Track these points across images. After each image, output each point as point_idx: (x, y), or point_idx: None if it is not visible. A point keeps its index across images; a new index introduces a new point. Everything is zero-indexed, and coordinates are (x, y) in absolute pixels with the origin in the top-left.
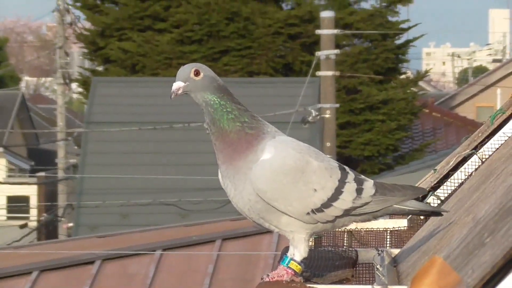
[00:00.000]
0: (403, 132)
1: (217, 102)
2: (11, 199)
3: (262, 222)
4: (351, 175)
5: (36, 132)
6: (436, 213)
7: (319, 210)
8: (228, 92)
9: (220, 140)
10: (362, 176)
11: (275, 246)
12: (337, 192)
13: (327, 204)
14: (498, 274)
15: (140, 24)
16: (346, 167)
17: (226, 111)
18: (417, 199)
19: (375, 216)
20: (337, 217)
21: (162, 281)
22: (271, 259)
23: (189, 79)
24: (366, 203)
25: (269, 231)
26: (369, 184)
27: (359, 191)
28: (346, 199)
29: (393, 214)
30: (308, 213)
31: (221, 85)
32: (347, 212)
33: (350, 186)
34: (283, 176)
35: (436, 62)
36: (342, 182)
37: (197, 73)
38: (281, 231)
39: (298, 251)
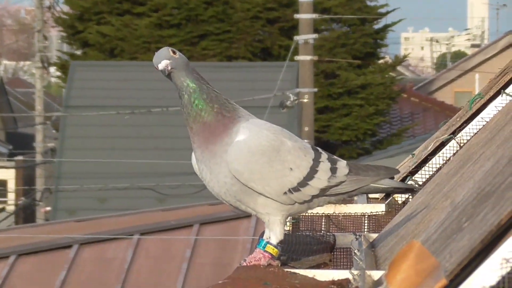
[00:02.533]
0: (381, 117)
1: (194, 84)
2: None
3: (239, 205)
4: (324, 155)
5: (14, 116)
6: (409, 189)
7: (296, 189)
8: (200, 75)
9: (197, 123)
10: (335, 157)
11: (252, 231)
12: (313, 171)
13: (304, 183)
14: (476, 259)
15: (119, 8)
16: (319, 148)
17: (204, 93)
18: (390, 178)
19: (350, 195)
20: (313, 196)
21: (139, 265)
22: (249, 244)
23: (170, 57)
24: (341, 182)
25: (247, 216)
26: (342, 164)
27: (333, 170)
28: (322, 178)
29: (367, 193)
30: (285, 193)
31: (194, 69)
32: (323, 192)
33: (325, 165)
34: (259, 156)
35: (415, 47)
36: (316, 161)
37: (174, 52)
38: (257, 213)
39: (274, 234)
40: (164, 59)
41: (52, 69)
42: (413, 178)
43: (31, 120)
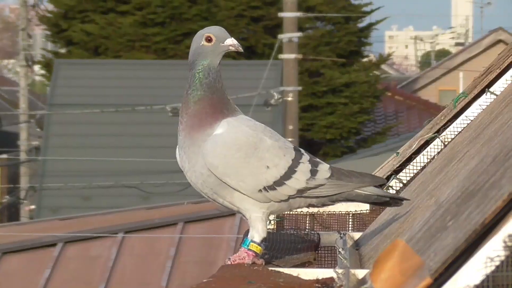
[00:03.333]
0: (366, 115)
1: (215, 68)
2: None
3: (216, 197)
4: (305, 156)
5: None
6: (396, 200)
7: (272, 187)
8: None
9: (195, 106)
10: (318, 159)
11: (237, 229)
12: (291, 171)
13: (280, 182)
14: (461, 258)
15: (103, 6)
16: (302, 150)
17: (217, 79)
18: (376, 186)
19: (331, 200)
20: (290, 196)
21: (124, 263)
22: (233, 242)
23: (226, 39)
24: (321, 185)
25: (231, 214)
26: (324, 167)
27: (313, 172)
28: (300, 179)
29: (350, 200)
30: (260, 190)
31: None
32: (300, 193)
33: (304, 166)
34: (235, 151)
35: (399, 45)
36: (296, 161)
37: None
38: (238, 209)
39: (256, 231)
40: (230, 37)
41: (37, 68)
42: (398, 176)
43: (15, 118)
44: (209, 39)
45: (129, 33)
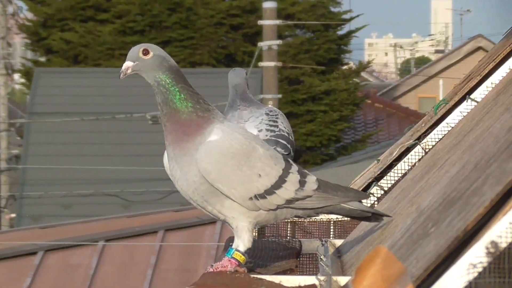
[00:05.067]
0: (346, 123)
1: (168, 82)
2: None
3: (206, 205)
4: (294, 167)
5: None
6: (377, 216)
7: (262, 196)
8: (180, 73)
9: (171, 121)
10: (306, 171)
11: (217, 237)
12: (281, 181)
13: (270, 191)
14: (443, 264)
15: (82, 15)
16: (290, 160)
17: (178, 91)
18: (359, 201)
19: (316, 212)
20: (278, 206)
21: (104, 272)
22: (214, 250)
23: (138, 59)
24: (308, 196)
25: (211, 222)
26: (312, 179)
27: (302, 183)
28: (289, 189)
29: (334, 213)
30: (251, 198)
31: (172, 66)
32: (288, 203)
33: (294, 177)
34: (229, 159)
35: (379, 52)
36: (286, 171)
37: (146, 52)
38: (224, 217)
39: (242, 241)
40: (130, 60)
41: (16, 76)
42: (379, 183)
43: None
44: (145, 52)
45: (108, 42)
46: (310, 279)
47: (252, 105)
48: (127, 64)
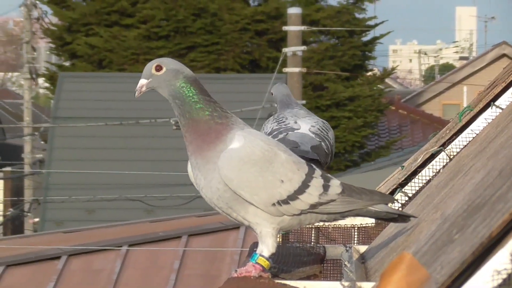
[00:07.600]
0: (370, 129)
1: (183, 93)
2: None
3: (230, 212)
4: (318, 171)
5: (3, 127)
6: (403, 217)
7: (285, 202)
8: (197, 83)
9: (190, 131)
10: (329, 175)
11: (241, 242)
12: (304, 186)
13: (293, 196)
14: (467, 271)
15: (107, 20)
16: (313, 165)
17: (194, 102)
18: (384, 204)
19: (342, 216)
20: (302, 211)
21: (128, 277)
22: (237, 255)
23: (151, 76)
24: (332, 200)
25: (235, 227)
26: (336, 183)
27: (325, 187)
28: (312, 194)
29: (359, 216)
30: (273, 204)
31: (188, 76)
32: (312, 208)
33: (317, 181)
34: (251, 165)
35: (403, 59)
36: (309, 176)
37: (159, 68)
38: (249, 223)
39: (266, 247)
40: (144, 77)
41: (41, 80)
42: (403, 190)
43: (20, 131)
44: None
45: (133, 47)
46: (334, 285)
47: (308, 111)
48: (142, 82)
